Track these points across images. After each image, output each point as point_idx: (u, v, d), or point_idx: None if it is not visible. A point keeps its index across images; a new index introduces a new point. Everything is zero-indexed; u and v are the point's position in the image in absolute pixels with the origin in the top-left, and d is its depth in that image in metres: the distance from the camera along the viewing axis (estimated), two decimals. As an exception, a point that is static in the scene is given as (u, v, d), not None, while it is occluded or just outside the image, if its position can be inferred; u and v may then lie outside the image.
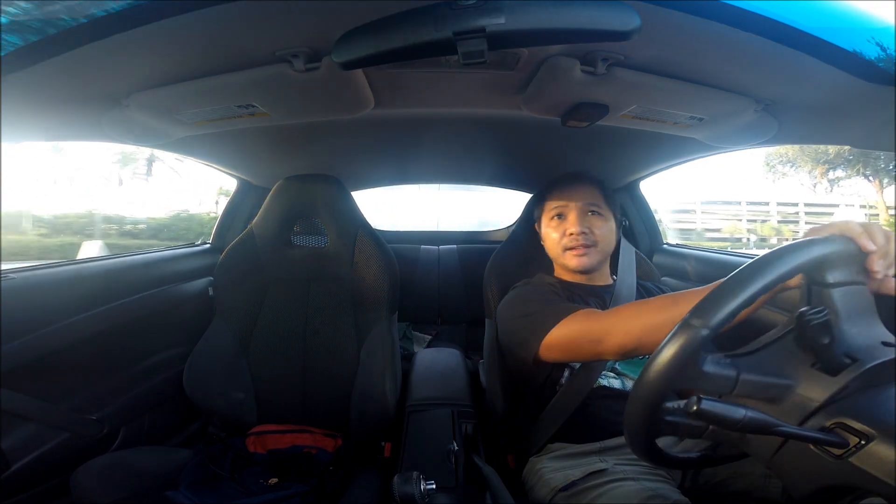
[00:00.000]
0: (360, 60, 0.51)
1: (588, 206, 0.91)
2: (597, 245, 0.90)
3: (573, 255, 0.90)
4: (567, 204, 0.92)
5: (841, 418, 0.42)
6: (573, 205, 0.91)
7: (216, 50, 0.61)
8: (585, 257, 0.90)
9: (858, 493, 0.43)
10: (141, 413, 1.10)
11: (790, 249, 0.45)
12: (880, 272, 0.48)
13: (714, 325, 0.43)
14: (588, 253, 0.90)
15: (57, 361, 0.90)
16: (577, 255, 0.90)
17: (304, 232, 1.18)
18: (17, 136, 0.77)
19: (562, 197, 0.93)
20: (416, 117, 1.01)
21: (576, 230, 0.89)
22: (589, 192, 0.93)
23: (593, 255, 0.90)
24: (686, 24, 0.53)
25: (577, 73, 0.67)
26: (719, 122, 0.82)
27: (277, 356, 1.12)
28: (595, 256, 0.91)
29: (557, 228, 0.93)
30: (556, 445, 0.85)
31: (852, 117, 0.69)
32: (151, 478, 0.86)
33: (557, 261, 0.95)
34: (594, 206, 0.91)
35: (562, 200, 0.93)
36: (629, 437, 0.52)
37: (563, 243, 0.92)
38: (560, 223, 0.93)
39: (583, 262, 0.90)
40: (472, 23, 0.45)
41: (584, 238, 0.89)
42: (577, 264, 0.91)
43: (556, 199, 0.94)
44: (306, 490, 0.88)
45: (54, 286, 0.94)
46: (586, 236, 0.89)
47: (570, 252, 0.91)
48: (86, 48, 0.53)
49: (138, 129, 0.84)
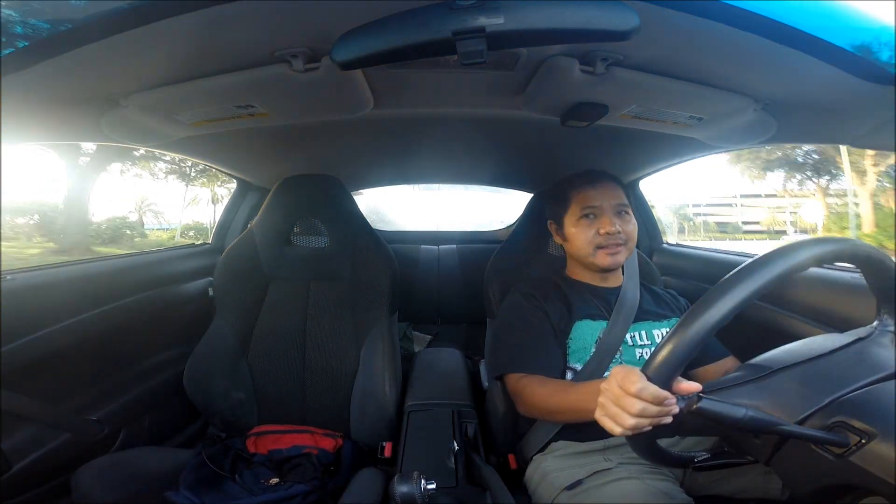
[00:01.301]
0: (359, 60, 0.51)
1: (619, 206, 0.91)
2: (627, 244, 0.91)
3: (606, 254, 0.90)
4: (599, 203, 0.91)
5: (841, 417, 0.42)
6: (606, 204, 0.91)
7: (215, 50, 0.61)
8: (619, 255, 0.91)
9: (859, 492, 0.43)
10: (141, 413, 1.10)
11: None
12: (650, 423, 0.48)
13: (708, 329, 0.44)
14: (620, 251, 0.91)
15: (57, 362, 0.90)
16: (610, 254, 0.90)
17: (304, 232, 1.18)
18: (17, 137, 0.77)
19: (592, 195, 0.92)
20: (416, 117, 1.01)
21: (612, 229, 0.89)
22: (616, 190, 0.93)
23: (624, 253, 0.91)
24: (685, 24, 0.53)
25: (576, 73, 0.67)
26: (719, 121, 0.82)
27: (277, 356, 1.12)
28: (625, 255, 0.92)
29: (589, 227, 0.91)
30: (559, 444, 0.85)
31: (852, 117, 0.69)
32: (152, 478, 0.86)
33: (585, 259, 0.93)
34: (624, 206, 0.92)
35: (593, 199, 0.92)
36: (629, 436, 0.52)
37: (595, 242, 0.91)
38: (591, 222, 0.91)
39: (617, 261, 0.91)
40: (471, 23, 0.45)
41: (618, 237, 0.90)
42: (611, 262, 0.90)
43: (585, 197, 0.93)
44: (307, 490, 0.88)
45: (54, 286, 0.94)
46: (619, 235, 0.90)
47: (603, 251, 0.90)
48: (85, 48, 0.53)
49: (137, 130, 0.84)
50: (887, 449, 0.39)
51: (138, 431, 1.09)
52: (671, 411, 0.47)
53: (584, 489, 0.74)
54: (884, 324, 0.52)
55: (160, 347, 1.23)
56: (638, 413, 0.46)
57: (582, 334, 0.87)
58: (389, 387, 1.04)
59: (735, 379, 0.51)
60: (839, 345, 0.51)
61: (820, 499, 0.45)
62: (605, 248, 0.90)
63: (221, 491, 0.90)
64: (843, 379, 0.46)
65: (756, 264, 0.45)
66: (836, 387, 0.45)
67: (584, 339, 0.87)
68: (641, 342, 0.88)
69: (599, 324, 0.88)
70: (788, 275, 0.45)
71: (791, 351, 0.52)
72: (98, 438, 0.96)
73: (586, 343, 0.87)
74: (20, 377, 0.82)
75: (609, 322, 0.87)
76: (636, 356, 0.86)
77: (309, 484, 0.90)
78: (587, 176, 0.95)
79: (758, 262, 0.45)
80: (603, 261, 0.91)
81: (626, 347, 0.86)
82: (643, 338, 0.88)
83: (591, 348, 0.86)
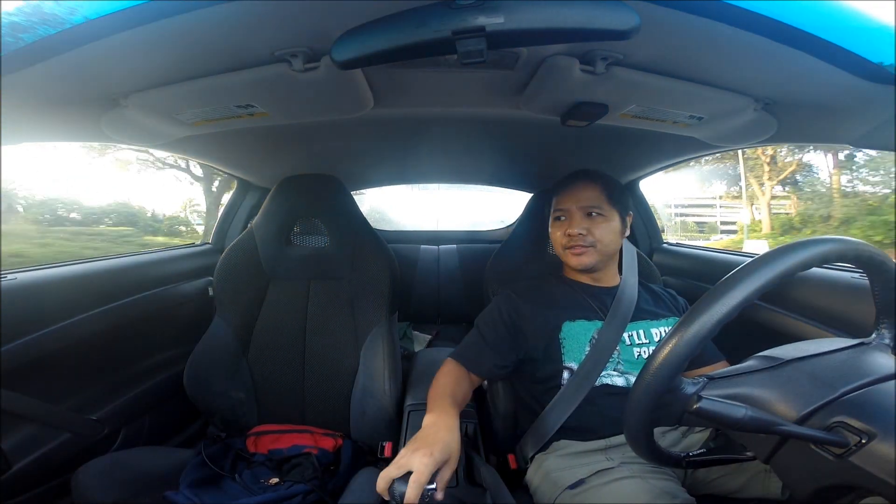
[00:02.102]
0: (358, 60, 0.51)
1: (588, 208, 0.92)
2: (595, 245, 0.92)
3: (572, 255, 0.93)
4: (567, 205, 0.94)
5: (841, 417, 0.42)
6: (573, 207, 0.93)
7: (215, 50, 0.61)
8: (584, 256, 0.92)
9: (859, 493, 0.43)
10: (141, 413, 1.10)
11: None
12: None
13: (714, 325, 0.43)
14: (586, 252, 0.92)
15: (57, 361, 0.90)
16: (575, 255, 0.93)
17: (304, 232, 1.18)
18: (17, 137, 0.77)
19: (563, 197, 0.96)
20: (416, 117, 1.01)
21: (573, 231, 0.91)
22: (591, 192, 0.94)
23: (591, 254, 0.92)
24: (685, 24, 0.53)
25: (576, 73, 0.67)
26: (719, 121, 0.82)
27: (278, 356, 1.12)
28: (593, 256, 0.92)
29: (559, 228, 0.95)
30: (561, 444, 0.85)
31: (852, 117, 0.69)
32: (152, 478, 0.86)
33: (562, 259, 0.98)
34: (595, 208, 0.92)
35: (563, 201, 0.95)
36: (628, 433, 0.52)
37: (562, 242, 0.95)
38: (561, 224, 0.95)
39: (581, 262, 0.92)
40: (470, 22, 0.45)
41: (581, 239, 0.91)
42: (577, 263, 0.93)
43: (558, 199, 0.97)
44: (307, 490, 0.88)
45: (54, 286, 0.94)
46: (583, 237, 0.91)
47: (569, 251, 0.94)
48: (85, 48, 0.53)
49: (137, 130, 0.84)
50: (887, 449, 0.39)
51: (138, 431, 1.09)
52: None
53: (586, 488, 0.74)
54: (881, 336, 0.52)
55: (160, 347, 1.23)
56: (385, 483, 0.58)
57: (575, 334, 0.88)
58: (389, 386, 1.04)
59: (746, 367, 0.51)
60: (841, 346, 0.51)
61: (820, 499, 0.45)
62: (571, 249, 0.93)
63: (221, 490, 0.90)
64: (848, 376, 0.46)
65: (757, 263, 0.45)
66: (843, 382, 0.45)
67: (577, 339, 0.87)
68: (640, 341, 0.88)
69: (594, 324, 0.89)
70: (791, 273, 0.45)
71: (801, 348, 0.52)
72: (98, 438, 0.96)
73: (580, 343, 0.87)
74: (20, 377, 0.82)
75: (604, 322, 0.88)
76: (634, 355, 0.86)
77: (309, 484, 0.90)
78: (567, 178, 0.99)
79: (759, 261, 0.45)
80: (570, 261, 0.94)
81: (623, 347, 0.86)
82: (641, 337, 0.88)
83: (586, 348, 0.86)
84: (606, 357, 0.84)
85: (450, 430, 0.68)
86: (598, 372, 0.83)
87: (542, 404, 0.88)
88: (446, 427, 0.68)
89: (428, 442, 0.63)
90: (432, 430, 0.67)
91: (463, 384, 0.87)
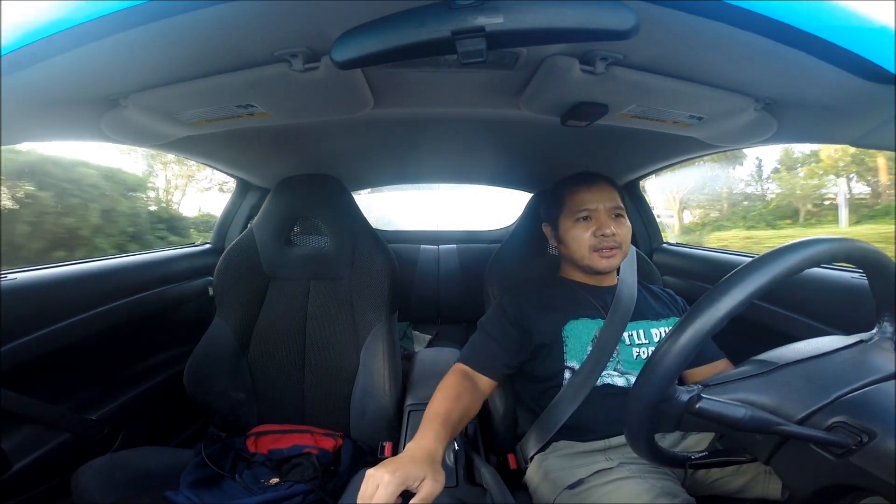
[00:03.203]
0: (358, 60, 0.51)
1: (614, 209, 0.92)
2: (621, 247, 0.91)
3: (601, 257, 0.90)
4: (595, 205, 0.91)
5: (842, 417, 0.42)
6: (601, 207, 0.91)
7: (215, 50, 0.61)
8: (614, 258, 0.91)
9: (859, 493, 0.43)
10: (141, 413, 1.10)
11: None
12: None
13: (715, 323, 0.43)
14: (616, 254, 0.91)
15: (57, 361, 0.90)
16: (605, 257, 0.90)
17: (304, 232, 1.19)
18: (17, 137, 0.77)
19: (588, 198, 0.92)
20: (416, 117, 1.01)
21: (609, 232, 0.89)
22: (611, 193, 0.93)
23: (619, 256, 0.91)
24: (685, 24, 0.53)
25: (576, 73, 0.67)
26: (719, 121, 0.82)
27: (278, 356, 1.12)
28: (619, 258, 0.92)
29: (585, 229, 0.92)
30: (561, 444, 0.85)
31: (852, 117, 0.69)
32: (152, 478, 0.86)
33: (580, 262, 0.94)
34: (618, 209, 0.92)
35: (588, 201, 0.92)
36: (629, 435, 0.52)
37: (591, 244, 0.91)
38: (588, 224, 0.92)
39: (612, 264, 0.91)
40: (470, 22, 0.45)
41: (612, 240, 0.90)
42: (607, 265, 0.91)
43: (581, 199, 0.93)
44: (306, 490, 0.88)
45: (54, 286, 0.94)
46: (615, 238, 0.90)
47: (598, 254, 0.91)
48: (85, 48, 0.53)
49: (137, 130, 0.84)
50: (887, 449, 0.39)
51: (138, 431, 1.09)
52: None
53: (585, 488, 0.74)
54: (883, 330, 0.52)
55: (160, 347, 1.23)
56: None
57: (578, 333, 0.88)
58: (389, 386, 1.04)
59: (741, 373, 0.51)
60: (841, 345, 0.51)
61: (820, 499, 0.45)
62: (600, 251, 0.90)
63: (221, 490, 0.90)
64: (844, 379, 0.46)
65: (758, 263, 0.45)
66: (839, 385, 0.45)
67: (580, 338, 0.87)
68: (639, 341, 0.88)
69: (597, 322, 0.89)
70: (793, 272, 0.44)
71: (796, 349, 0.52)
72: (98, 438, 0.96)
73: (583, 342, 0.87)
74: (20, 377, 0.82)
75: (605, 321, 0.88)
76: (633, 355, 0.86)
77: (309, 484, 0.90)
78: (583, 178, 0.96)
79: (759, 260, 0.45)
80: (598, 263, 0.91)
81: (623, 346, 0.86)
82: (641, 337, 0.88)
83: (588, 347, 0.86)
84: (608, 356, 0.84)
85: (415, 463, 0.58)
86: (600, 371, 0.83)
87: (542, 404, 0.88)
88: (411, 459, 0.60)
89: (391, 468, 0.56)
90: (407, 455, 0.61)
91: (464, 398, 0.79)
